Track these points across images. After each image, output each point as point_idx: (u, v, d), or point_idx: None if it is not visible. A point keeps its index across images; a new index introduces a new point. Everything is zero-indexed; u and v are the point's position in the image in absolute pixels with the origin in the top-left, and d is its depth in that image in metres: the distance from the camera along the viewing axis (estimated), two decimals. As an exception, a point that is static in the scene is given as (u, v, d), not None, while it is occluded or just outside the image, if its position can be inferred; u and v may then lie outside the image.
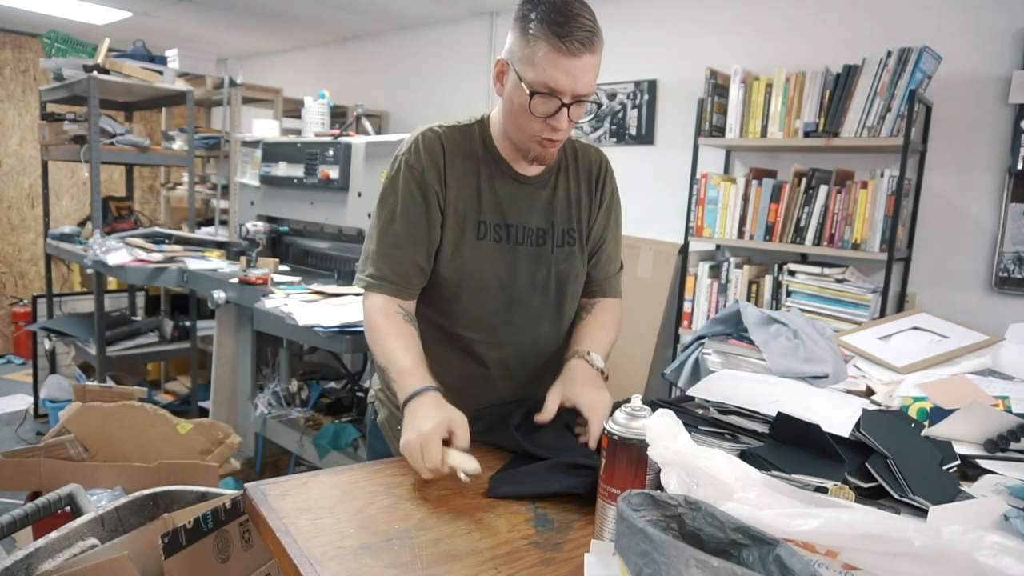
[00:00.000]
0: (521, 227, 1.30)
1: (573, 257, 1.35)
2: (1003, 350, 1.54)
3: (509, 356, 1.33)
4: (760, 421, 1.15)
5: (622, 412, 0.81)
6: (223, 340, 3.06)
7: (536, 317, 1.34)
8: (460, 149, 1.27)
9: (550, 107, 1.14)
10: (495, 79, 1.21)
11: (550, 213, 1.33)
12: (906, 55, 2.34)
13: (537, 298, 1.33)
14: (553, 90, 1.12)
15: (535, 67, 1.12)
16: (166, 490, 1.65)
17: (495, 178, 1.29)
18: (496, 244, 1.28)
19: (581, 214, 1.37)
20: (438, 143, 1.25)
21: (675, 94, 3.31)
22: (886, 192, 2.40)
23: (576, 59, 1.11)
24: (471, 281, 1.27)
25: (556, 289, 1.35)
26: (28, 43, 5.44)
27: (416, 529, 0.88)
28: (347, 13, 4.22)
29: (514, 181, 1.30)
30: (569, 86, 1.13)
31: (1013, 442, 1.11)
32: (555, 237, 1.33)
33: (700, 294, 2.89)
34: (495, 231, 1.28)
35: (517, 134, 1.22)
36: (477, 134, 1.30)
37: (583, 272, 1.39)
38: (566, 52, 1.10)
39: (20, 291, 5.57)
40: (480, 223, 1.27)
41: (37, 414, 4.05)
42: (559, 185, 1.34)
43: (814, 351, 1.46)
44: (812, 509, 0.63)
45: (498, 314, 1.30)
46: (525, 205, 1.31)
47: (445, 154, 1.25)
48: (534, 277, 1.32)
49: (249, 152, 3.34)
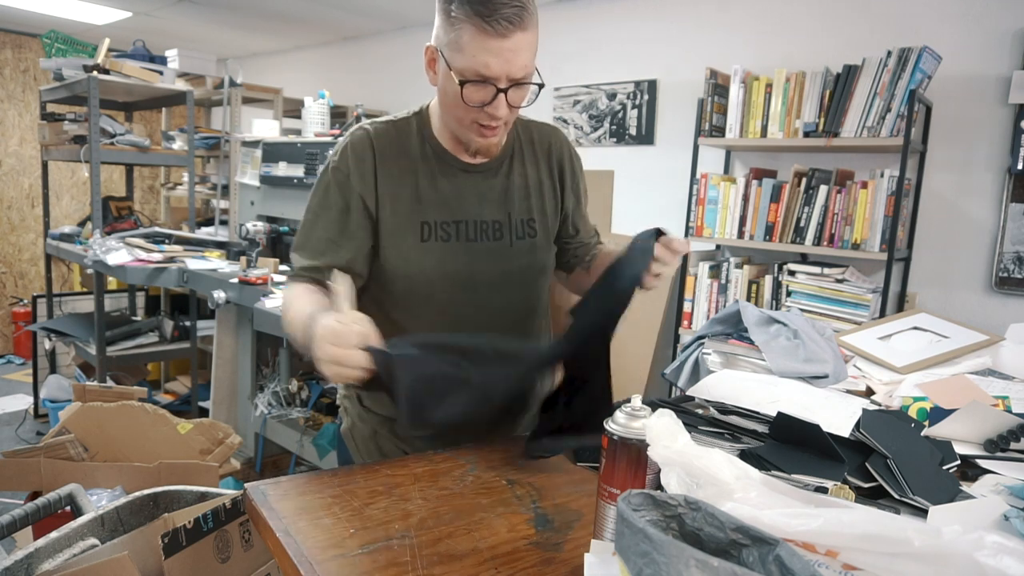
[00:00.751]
0: (473, 222, 1.20)
1: (536, 249, 1.26)
2: (1003, 350, 1.53)
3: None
4: (760, 421, 1.14)
5: (622, 412, 0.81)
6: (223, 340, 3.07)
7: (501, 317, 1.25)
8: (393, 147, 1.18)
9: (485, 95, 1.05)
10: (426, 67, 1.12)
11: (505, 203, 1.23)
12: (906, 55, 2.34)
13: (500, 297, 1.24)
14: (485, 77, 1.04)
15: (463, 53, 1.03)
16: (166, 490, 1.65)
17: (437, 173, 1.19)
18: (444, 244, 1.19)
19: (544, 202, 1.27)
20: (367, 144, 1.17)
21: (675, 94, 3.31)
22: (886, 192, 2.40)
23: (506, 40, 1.01)
24: (421, 286, 1.19)
25: (521, 285, 1.26)
26: (28, 43, 5.44)
27: (416, 529, 0.88)
28: (347, 13, 4.22)
29: (461, 172, 1.20)
30: (502, 70, 1.03)
31: (1013, 442, 1.11)
32: (514, 229, 1.23)
33: (700, 294, 2.89)
34: (442, 230, 1.19)
35: (455, 125, 1.14)
36: (415, 128, 1.21)
37: (551, 264, 1.31)
38: (493, 33, 1.00)
39: (20, 291, 5.57)
40: (423, 224, 1.18)
41: (37, 414, 4.05)
42: (514, 172, 1.24)
43: (814, 351, 1.46)
44: (812, 509, 0.63)
45: (457, 318, 1.22)
46: (475, 197, 1.21)
47: (375, 155, 1.17)
48: (492, 275, 1.22)
49: (249, 152, 3.35)
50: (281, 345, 3.07)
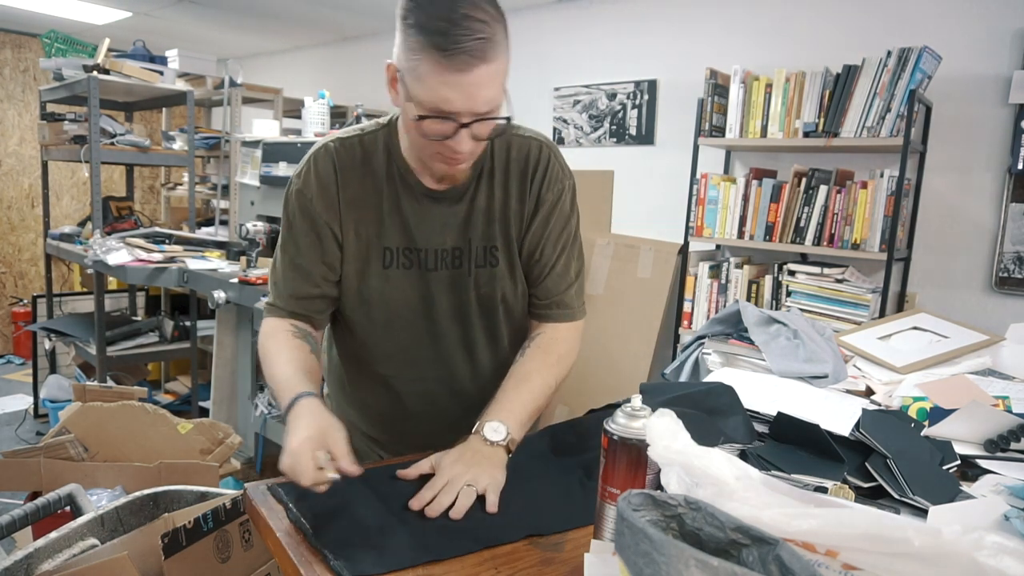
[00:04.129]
0: (432, 250, 1.14)
1: (497, 278, 1.17)
2: (1003, 350, 1.53)
3: (433, 390, 1.21)
4: (760, 421, 1.15)
5: (622, 412, 0.81)
6: (223, 340, 3.06)
7: (460, 347, 1.20)
8: (359, 166, 1.11)
9: (445, 129, 0.96)
10: (388, 86, 1.01)
11: (466, 230, 1.14)
12: (906, 55, 2.34)
13: (457, 328, 1.18)
14: (446, 112, 0.94)
15: (422, 83, 0.93)
16: (166, 490, 1.66)
17: (400, 196, 1.12)
18: (405, 271, 1.14)
19: (509, 227, 1.16)
20: (330, 165, 1.11)
21: (675, 94, 3.31)
22: (886, 192, 2.40)
23: (467, 75, 0.91)
24: (380, 314, 1.16)
25: (481, 315, 1.19)
26: (28, 43, 5.44)
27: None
28: (347, 13, 4.22)
29: (425, 197, 1.12)
30: (464, 105, 0.94)
31: (1013, 442, 1.11)
32: (473, 257, 1.15)
33: (700, 294, 2.89)
34: (404, 256, 1.13)
35: (417, 152, 1.07)
36: (381, 144, 1.12)
37: (516, 292, 1.20)
38: (452, 68, 0.90)
39: (20, 291, 5.57)
40: (385, 250, 1.13)
41: (37, 414, 4.05)
42: (479, 196, 1.14)
43: (814, 351, 1.46)
44: (812, 509, 0.63)
45: (416, 347, 1.18)
46: (437, 224, 1.13)
47: (338, 176, 1.11)
48: (451, 304, 1.17)
49: (249, 152, 3.34)
50: (281, 345, 3.07)
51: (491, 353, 1.23)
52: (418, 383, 1.22)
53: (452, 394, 1.23)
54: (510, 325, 1.23)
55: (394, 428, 1.28)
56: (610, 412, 0.82)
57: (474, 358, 1.22)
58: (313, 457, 0.86)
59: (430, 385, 1.23)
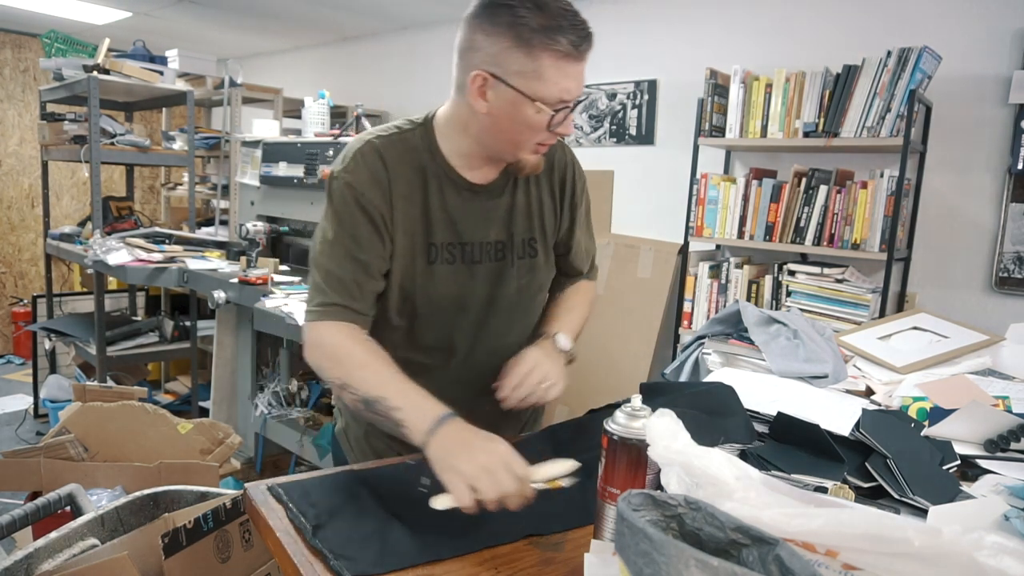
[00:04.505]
0: (477, 243, 1.18)
1: (536, 269, 1.24)
2: (1003, 350, 1.54)
3: (465, 380, 1.23)
4: (760, 421, 1.15)
5: (622, 412, 0.81)
6: (223, 340, 3.07)
7: (497, 336, 1.23)
8: (403, 161, 1.13)
9: (560, 117, 1.05)
10: (475, 95, 1.05)
11: (509, 224, 1.20)
12: (906, 55, 2.34)
13: (497, 318, 1.22)
14: (566, 102, 1.03)
15: (544, 81, 1.00)
16: (166, 490, 1.66)
17: (445, 191, 1.15)
18: (449, 266, 1.16)
19: (545, 221, 1.25)
20: (378, 160, 1.11)
21: (675, 94, 3.31)
22: (886, 192, 2.40)
23: (582, 62, 1.02)
24: (425, 308, 1.16)
25: (519, 305, 1.24)
26: (28, 43, 5.44)
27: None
28: (347, 13, 4.22)
29: (467, 191, 1.16)
30: (578, 91, 1.04)
31: (1013, 442, 1.11)
32: (515, 249, 1.21)
33: (700, 294, 2.89)
34: (448, 252, 1.16)
35: (510, 148, 1.10)
36: (421, 142, 1.15)
37: (548, 282, 1.30)
38: (576, 58, 1.01)
39: (20, 291, 5.57)
40: (430, 246, 1.14)
41: (37, 414, 4.05)
42: (518, 192, 1.21)
43: (814, 351, 1.46)
44: (812, 509, 0.63)
45: (451, 339, 1.20)
46: (481, 218, 1.18)
47: (388, 171, 1.11)
48: (493, 296, 1.20)
49: (249, 152, 3.34)
50: (281, 345, 3.07)
51: (520, 345, 1.24)
52: (451, 375, 1.23)
53: (483, 385, 1.23)
54: (538, 311, 1.31)
55: None
56: (610, 412, 0.82)
57: (506, 349, 1.24)
58: (512, 468, 0.87)
59: (462, 376, 1.23)
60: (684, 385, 1.24)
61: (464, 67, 1.06)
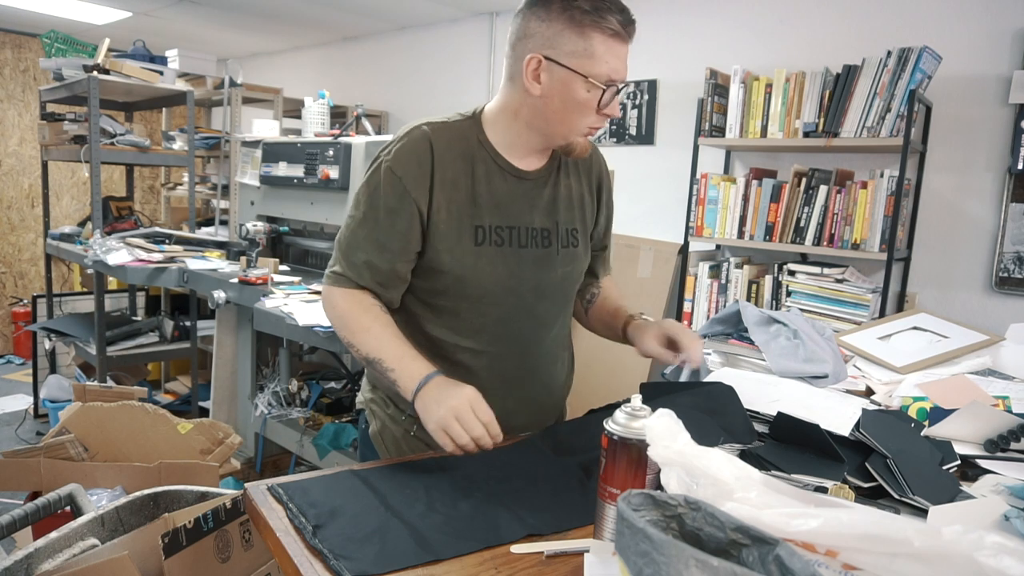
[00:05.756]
0: (524, 228, 1.22)
1: (577, 259, 1.30)
2: (1003, 350, 1.54)
3: (506, 365, 1.26)
4: (760, 421, 1.15)
5: (622, 412, 0.81)
6: (223, 340, 3.06)
7: (539, 324, 1.27)
8: (451, 148, 1.18)
9: (609, 98, 1.12)
10: (530, 77, 1.11)
11: (553, 212, 1.26)
12: (906, 55, 2.34)
13: (542, 304, 1.26)
14: (614, 81, 1.11)
15: (596, 60, 1.08)
16: (166, 490, 1.66)
17: (492, 176, 1.20)
18: (497, 248, 1.20)
19: (585, 214, 1.31)
20: (426, 145, 1.16)
21: (675, 94, 3.31)
22: (886, 192, 2.40)
23: (627, 44, 1.11)
24: (473, 290, 1.20)
25: (562, 292, 1.30)
26: (28, 43, 5.44)
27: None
28: (347, 13, 4.22)
29: (513, 178, 1.21)
30: (624, 72, 1.12)
31: (1013, 442, 1.11)
32: (560, 238, 1.26)
33: (700, 294, 2.89)
34: (495, 234, 1.20)
35: (561, 130, 1.16)
36: (469, 130, 1.21)
37: (583, 272, 1.36)
38: (624, 38, 1.09)
39: (20, 291, 5.57)
40: (477, 228, 1.19)
41: (37, 414, 4.05)
42: (560, 183, 1.27)
43: (814, 351, 1.46)
44: (812, 509, 0.63)
45: (501, 323, 1.23)
46: (527, 204, 1.23)
47: (434, 156, 1.16)
48: (540, 282, 1.24)
49: (249, 152, 3.34)
50: (281, 345, 3.07)
51: (558, 329, 1.32)
52: (497, 359, 1.25)
53: (525, 370, 1.29)
54: (572, 303, 1.37)
55: None
56: (610, 412, 0.82)
57: (547, 334, 1.30)
58: (476, 413, 1.00)
59: (507, 360, 1.26)
60: (684, 385, 1.24)
61: (518, 54, 1.13)
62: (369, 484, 0.97)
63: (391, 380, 1.09)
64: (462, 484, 0.99)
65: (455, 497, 0.95)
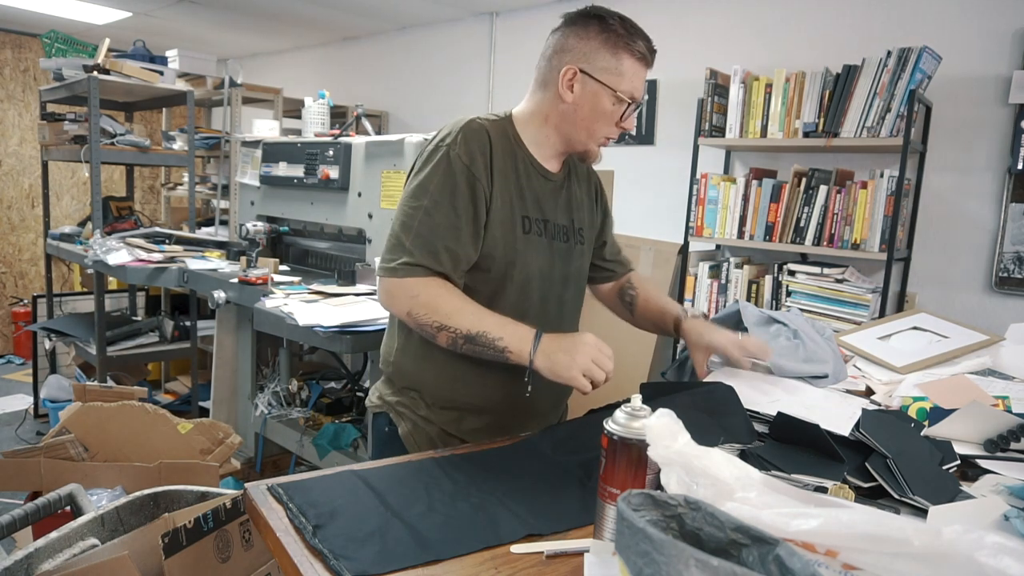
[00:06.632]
0: (553, 223, 1.34)
1: (584, 256, 1.43)
2: (1003, 350, 1.54)
3: None
4: (760, 421, 1.15)
5: (622, 412, 0.81)
6: (223, 340, 3.06)
7: (565, 312, 1.39)
8: (500, 143, 1.27)
9: (632, 112, 1.27)
10: (564, 86, 1.24)
11: (569, 212, 1.38)
12: (906, 55, 2.34)
13: (568, 292, 1.39)
14: (635, 99, 1.26)
15: (623, 78, 1.23)
16: (166, 490, 1.66)
17: (530, 173, 1.31)
18: (539, 238, 1.31)
19: (592, 217, 1.45)
20: (485, 135, 1.24)
21: (675, 94, 3.31)
22: (886, 192, 2.40)
23: (648, 69, 1.27)
24: (520, 274, 1.28)
25: (579, 285, 1.43)
26: (28, 43, 5.44)
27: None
28: (347, 13, 4.22)
29: (542, 177, 1.33)
30: (642, 91, 1.28)
31: (1013, 442, 1.11)
32: (575, 235, 1.39)
33: (700, 294, 2.89)
34: (537, 225, 1.31)
35: (584, 136, 1.28)
36: (509, 129, 1.31)
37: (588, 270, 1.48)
38: (647, 63, 1.26)
39: (20, 291, 5.57)
40: (523, 218, 1.29)
41: (37, 414, 4.05)
42: (571, 186, 1.40)
43: (814, 351, 1.45)
44: (812, 509, 0.63)
45: (538, 308, 1.32)
46: (553, 202, 1.34)
47: (491, 146, 1.25)
48: (565, 272, 1.36)
49: (249, 152, 3.34)
50: (281, 345, 3.07)
51: (574, 319, 1.44)
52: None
53: None
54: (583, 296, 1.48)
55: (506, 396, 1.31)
56: (610, 412, 0.82)
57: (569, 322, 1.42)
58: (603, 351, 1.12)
59: None
60: (684, 385, 1.25)
61: (555, 65, 1.26)
62: (369, 484, 0.97)
63: (499, 348, 1.15)
64: (462, 484, 0.99)
65: (455, 497, 0.95)
